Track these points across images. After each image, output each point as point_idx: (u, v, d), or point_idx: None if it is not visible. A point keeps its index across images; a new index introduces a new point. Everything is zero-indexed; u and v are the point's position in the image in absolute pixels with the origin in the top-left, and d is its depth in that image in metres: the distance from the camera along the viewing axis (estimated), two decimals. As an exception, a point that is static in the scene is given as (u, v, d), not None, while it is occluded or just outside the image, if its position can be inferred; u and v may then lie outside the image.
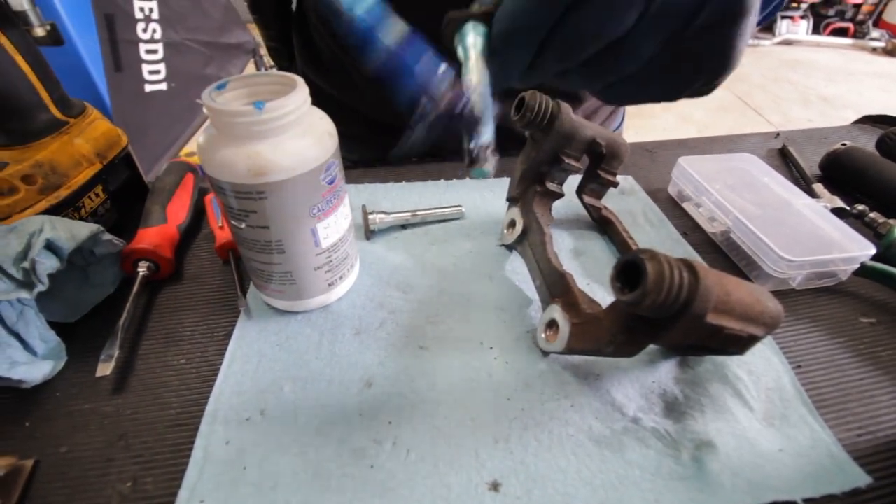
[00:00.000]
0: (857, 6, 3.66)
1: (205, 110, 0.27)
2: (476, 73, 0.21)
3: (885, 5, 3.63)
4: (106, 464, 0.28)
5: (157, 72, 1.44)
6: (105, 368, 0.31)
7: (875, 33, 3.63)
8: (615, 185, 0.43)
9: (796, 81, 3.11)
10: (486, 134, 0.21)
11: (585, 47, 0.19)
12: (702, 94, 0.22)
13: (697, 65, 0.20)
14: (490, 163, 0.21)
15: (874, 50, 3.57)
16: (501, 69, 0.21)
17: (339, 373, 0.32)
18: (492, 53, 0.21)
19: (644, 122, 2.59)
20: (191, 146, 1.78)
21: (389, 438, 0.28)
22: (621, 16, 0.18)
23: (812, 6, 3.71)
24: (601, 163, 0.42)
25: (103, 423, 0.29)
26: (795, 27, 3.69)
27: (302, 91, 0.28)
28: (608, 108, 0.66)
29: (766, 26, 3.75)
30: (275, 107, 0.26)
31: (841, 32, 3.73)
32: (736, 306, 0.24)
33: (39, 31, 0.43)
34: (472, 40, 0.21)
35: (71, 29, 1.36)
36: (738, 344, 0.27)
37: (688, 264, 0.23)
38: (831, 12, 3.72)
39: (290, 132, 0.28)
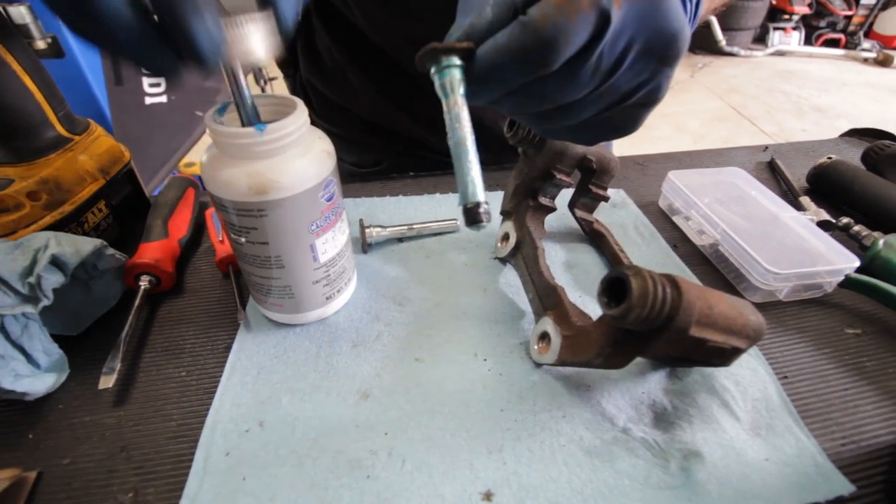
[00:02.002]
0: (848, 17, 3.72)
1: (208, 132, 0.28)
2: (462, 119, 0.22)
3: (876, 16, 3.69)
4: (108, 475, 0.28)
5: (157, 84, 1.46)
6: (107, 381, 0.31)
7: (866, 44, 3.69)
8: (606, 199, 0.44)
9: (789, 92, 3.15)
10: (478, 194, 0.21)
11: (542, 105, 0.24)
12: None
13: (614, 129, 0.27)
14: (485, 218, 0.21)
15: (865, 60, 3.62)
16: (471, 97, 0.23)
17: (337, 384, 0.33)
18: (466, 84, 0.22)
19: (641, 133, 2.61)
20: (190, 157, 1.79)
21: (385, 449, 0.29)
22: (579, 90, 0.22)
23: (803, 17, 3.77)
24: (592, 178, 0.43)
25: (105, 435, 0.30)
26: (787, 38, 3.75)
27: (301, 113, 0.29)
28: None
29: (759, 37, 3.81)
30: (275, 128, 0.27)
31: (832, 43, 3.79)
32: (719, 320, 0.25)
33: (41, 44, 0.44)
34: (453, 83, 0.22)
35: (72, 42, 1.38)
36: (722, 356, 0.28)
37: (671, 279, 0.24)
38: (823, 23, 3.79)
39: (290, 152, 0.29)
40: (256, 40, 0.23)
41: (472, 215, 0.21)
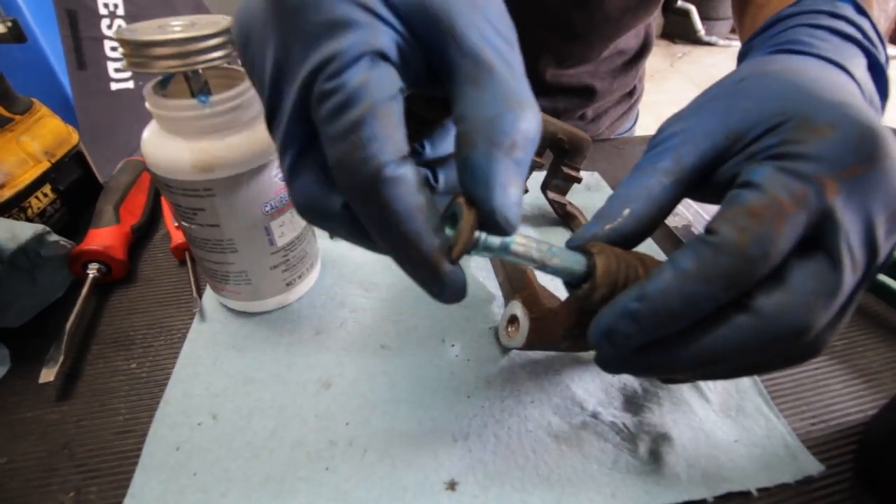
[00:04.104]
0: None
1: (147, 105, 0.26)
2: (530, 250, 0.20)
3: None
4: (48, 474, 0.26)
5: (122, 69, 1.40)
6: (49, 374, 0.29)
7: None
8: (578, 180, 0.43)
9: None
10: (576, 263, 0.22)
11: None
12: None
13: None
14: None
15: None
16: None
17: (297, 374, 0.31)
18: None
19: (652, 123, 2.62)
20: (162, 146, 1.74)
21: (345, 439, 0.28)
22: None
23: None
24: (564, 158, 0.42)
25: (46, 432, 0.28)
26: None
27: (248, 83, 0.27)
28: (621, 108, 0.66)
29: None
30: (220, 100, 0.25)
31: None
32: (687, 298, 0.24)
33: (0, 28, 0.41)
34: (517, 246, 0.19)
35: (34, 26, 1.31)
36: (692, 336, 0.27)
37: (639, 258, 0.23)
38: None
39: (238, 126, 0.27)
40: None
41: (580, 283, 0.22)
